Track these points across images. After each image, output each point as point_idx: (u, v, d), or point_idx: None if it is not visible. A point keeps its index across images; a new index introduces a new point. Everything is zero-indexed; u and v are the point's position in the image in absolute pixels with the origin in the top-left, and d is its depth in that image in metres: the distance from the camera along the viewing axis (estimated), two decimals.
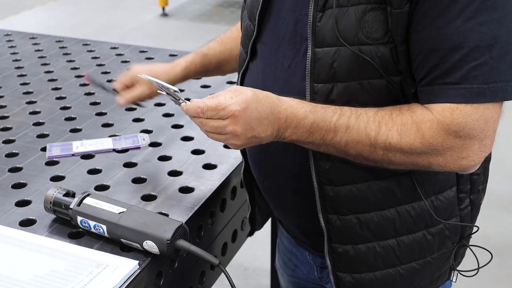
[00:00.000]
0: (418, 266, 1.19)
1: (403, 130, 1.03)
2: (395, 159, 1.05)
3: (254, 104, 1.03)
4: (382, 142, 1.03)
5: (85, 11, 6.66)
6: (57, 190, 1.24)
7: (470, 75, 0.98)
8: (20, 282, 1.07)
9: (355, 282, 1.19)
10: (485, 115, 1.00)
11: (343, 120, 1.04)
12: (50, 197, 1.23)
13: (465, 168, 1.04)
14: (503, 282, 2.76)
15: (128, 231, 1.13)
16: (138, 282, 1.11)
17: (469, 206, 1.19)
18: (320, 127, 1.05)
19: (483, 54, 0.97)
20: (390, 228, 1.15)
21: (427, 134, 1.01)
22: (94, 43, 2.35)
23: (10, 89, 1.92)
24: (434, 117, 1.01)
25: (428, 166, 1.05)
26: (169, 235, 1.10)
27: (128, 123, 1.69)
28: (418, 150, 1.03)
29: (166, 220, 1.15)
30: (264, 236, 2.23)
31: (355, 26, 1.03)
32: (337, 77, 1.06)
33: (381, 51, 1.03)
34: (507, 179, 3.49)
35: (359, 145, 1.05)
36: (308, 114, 1.05)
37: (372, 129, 1.03)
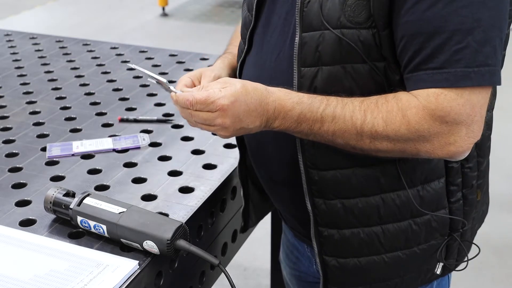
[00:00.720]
0: (404, 256, 1.19)
1: (389, 117, 1.03)
2: (382, 147, 1.05)
3: (242, 97, 1.05)
4: (368, 130, 1.04)
5: (85, 11, 6.66)
6: (57, 190, 1.24)
7: (453, 59, 0.98)
8: (20, 282, 1.07)
9: (339, 267, 1.20)
10: (471, 100, 0.99)
11: (329, 110, 1.05)
12: (50, 197, 1.23)
13: (453, 154, 1.03)
14: (503, 282, 2.76)
15: (128, 231, 1.13)
16: (138, 282, 1.11)
17: (461, 200, 1.18)
18: (307, 118, 1.06)
19: (465, 37, 0.97)
20: (375, 215, 1.16)
21: (413, 120, 1.01)
22: (94, 43, 2.35)
23: (10, 89, 1.92)
24: (419, 103, 1.01)
25: (416, 153, 1.05)
26: (169, 235, 1.10)
27: (128, 123, 1.69)
28: (404, 137, 1.03)
29: (166, 220, 1.15)
30: (264, 236, 2.23)
31: (338, 10, 1.04)
32: (321, 60, 1.08)
33: (364, 36, 1.04)
34: (507, 179, 3.49)
35: (346, 134, 1.05)
36: (295, 106, 1.06)
37: (358, 118, 1.04)
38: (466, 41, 0.97)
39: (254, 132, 1.09)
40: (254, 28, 1.22)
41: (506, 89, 5.06)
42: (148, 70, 1.18)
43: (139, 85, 1.95)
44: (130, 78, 2.01)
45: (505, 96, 4.50)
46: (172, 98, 1.10)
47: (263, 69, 1.18)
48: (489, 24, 0.97)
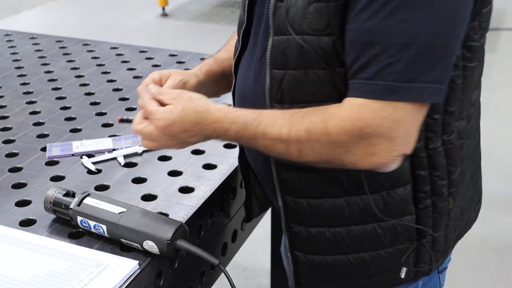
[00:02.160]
0: (369, 257, 1.20)
1: (311, 128, 1.05)
2: (308, 158, 1.08)
3: (178, 120, 1.13)
4: (294, 143, 1.07)
5: (85, 11, 6.66)
6: (57, 190, 1.24)
7: (383, 72, 0.98)
8: (20, 282, 1.07)
9: (307, 262, 1.23)
10: (394, 115, 0.99)
11: (261, 128, 1.10)
12: (50, 197, 1.23)
13: (377, 165, 1.03)
14: (503, 282, 2.76)
15: (128, 231, 1.13)
16: (138, 282, 1.11)
17: (430, 207, 1.18)
18: (243, 135, 1.11)
19: (400, 51, 0.97)
20: (339, 216, 1.18)
21: (333, 131, 1.03)
22: (94, 43, 2.35)
23: (10, 89, 1.92)
24: (342, 114, 1.03)
25: (341, 164, 1.07)
26: (169, 235, 1.10)
27: (128, 123, 1.69)
28: (325, 147, 1.05)
29: (166, 220, 1.15)
30: (264, 236, 2.23)
31: (300, 17, 1.07)
32: (287, 65, 1.11)
33: (324, 42, 1.05)
34: (506, 179, 3.49)
35: (276, 150, 1.10)
36: (231, 125, 1.12)
37: (285, 132, 1.07)
38: (399, 56, 0.97)
39: (196, 142, 1.18)
40: (247, 27, 1.24)
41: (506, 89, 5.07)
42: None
43: (139, 85, 1.94)
44: (130, 78, 2.01)
45: (505, 96, 4.51)
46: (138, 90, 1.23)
47: (250, 68, 1.21)
48: (429, 41, 0.97)
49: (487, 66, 1.24)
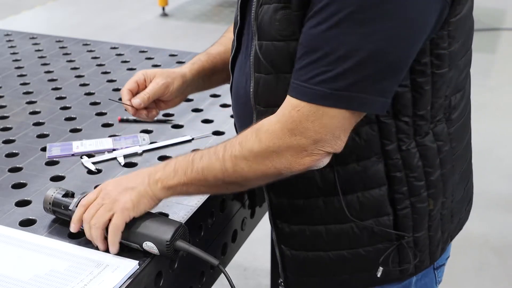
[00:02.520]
0: (349, 255, 1.22)
1: (243, 139, 1.09)
2: (243, 172, 1.09)
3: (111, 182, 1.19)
4: (228, 156, 1.10)
5: (85, 11, 6.66)
6: (56, 190, 1.24)
7: (318, 78, 1.01)
8: (20, 282, 1.07)
9: (292, 257, 1.26)
10: (322, 120, 1.03)
11: (198, 153, 1.15)
12: (49, 197, 1.23)
13: (310, 165, 1.07)
14: (503, 282, 2.76)
15: (127, 232, 1.13)
16: (138, 282, 1.11)
17: (408, 208, 1.19)
18: (182, 164, 1.14)
19: (336, 62, 1.00)
20: (317, 215, 1.20)
21: (264, 137, 1.06)
22: (94, 43, 2.35)
23: (10, 89, 1.92)
24: (273, 118, 1.07)
25: (278, 172, 1.09)
26: (169, 236, 1.11)
27: (128, 123, 1.69)
28: (259, 155, 1.07)
29: (165, 221, 1.15)
30: (264, 236, 2.23)
31: (269, 23, 1.10)
32: (261, 69, 1.14)
33: (293, 47, 1.08)
34: (506, 179, 3.49)
35: (212, 167, 1.11)
36: (172, 159, 1.17)
37: (219, 150, 1.12)
38: (334, 66, 1.00)
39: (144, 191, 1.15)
40: (240, 27, 1.25)
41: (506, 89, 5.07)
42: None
43: None
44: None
45: (505, 97, 4.51)
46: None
47: (244, 68, 1.22)
48: (367, 56, 0.99)
49: (487, 66, 1.24)
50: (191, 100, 1.83)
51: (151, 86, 1.39)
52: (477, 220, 3.04)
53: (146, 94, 1.40)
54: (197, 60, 1.45)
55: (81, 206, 1.17)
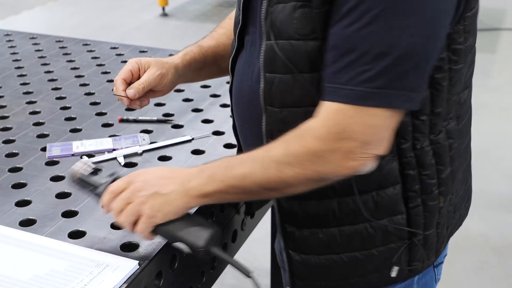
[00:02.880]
0: (362, 257, 1.21)
1: (287, 143, 1.06)
2: (287, 177, 1.06)
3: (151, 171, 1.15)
4: (270, 162, 1.07)
5: (85, 11, 6.66)
6: (83, 166, 1.19)
7: (358, 78, 1.00)
8: (20, 282, 1.07)
9: (302, 262, 1.24)
10: (367, 120, 1.01)
11: (237, 159, 1.12)
12: (76, 173, 1.19)
13: (355, 169, 1.05)
14: (503, 282, 2.76)
15: (160, 229, 1.11)
16: (138, 282, 1.11)
17: (420, 206, 1.19)
18: (219, 170, 1.10)
19: (374, 60, 0.99)
20: (331, 217, 1.18)
21: (309, 141, 1.04)
22: (94, 43, 2.35)
23: (10, 89, 1.92)
24: (316, 123, 1.04)
25: (323, 177, 1.07)
26: (202, 242, 1.08)
27: (128, 123, 1.69)
28: (305, 160, 1.04)
29: (201, 224, 1.12)
30: (264, 236, 2.23)
31: (286, 22, 1.08)
32: (276, 69, 1.12)
33: (311, 47, 1.07)
34: (506, 179, 3.49)
35: (253, 173, 1.08)
36: (207, 165, 1.13)
37: (261, 154, 1.08)
38: (374, 64, 0.99)
39: (174, 200, 1.10)
40: (243, 27, 1.24)
41: (506, 89, 5.06)
42: None
43: None
44: None
45: (505, 97, 4.51)
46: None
47: (249, 67, 1.21)
48: (405, 51, 0.99)
49: (487, 66, 1.24)
50: (191, 100, 1.83)
51: (146, 76, 1.36)
52: (477, 220, 3.05)
53: (141, 84, 1.36)
54: (189, 52, 1.44)
55: (109, 192, 1.13)
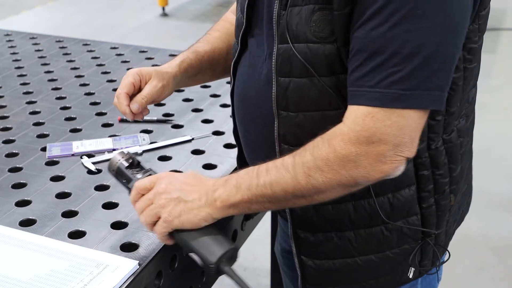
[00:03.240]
0: (377, 259, 1.21)
1: (315, 150, 1.05)
2: (318, 183, 1.05)
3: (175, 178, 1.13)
4: (299, 168, 1.05)
5: (85, 11, 6.66)
6: (122, 157, 1.19)
7: (387, 80, 0.99)
8: (20, 282, 1.07)
9: (315, 267, 1.23)
10: (398, 122, 1.00)
11: (263, 167, 1.09)
12: (115, 163, 1.19)
13: (387, 173, 1.03)
14: (503, 281, 2.76)
15: (177, 235, 1.11)
16: (138, 282, 1.11)
17: (433, 205, 1.19)
18: (245, 179, 1.09)
19: (404, 61, 0.98)
20: (346, 221, 1.18)
21: (338, 146, 1.02)
22: (94, 43, 2.35)
23: (10, 89, 1.92)
24: (344, 127, 1.03)
25: (354, 182, 1.05)
26: (214, 259, 1.07)
27: (128, 123, 1.69)
28: (335, 164, 1.03)
29: (217, 240, 1.11)
30: (264, 236, 2.23)
31: (304, 25, 1.07)
32: (292, 73, 1.10)
33: (328, 50, 1.06)
34: (507, 179, 3.49)
35: (282, 181, 1.06)
36: (231, 176, 1.12)
37: (289, 162, 1.07)
38: (403, 65, 0.98)
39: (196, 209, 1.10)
40: (246, 29, 1.23)
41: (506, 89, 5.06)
42: None
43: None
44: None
45: (505, 97, 4.51)
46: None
47: (254, 70, 1.20)
48: (433, 50, 0.98)
49: (487, 66, 1.25)
50: (191, 100, 1.83)
51: (148, 89, 1.33)
52: (477, 220, 3.04)
53: (144, 98, 1.33)
54: (186, 59, 1.41)
55: (134, 189, 1.14)
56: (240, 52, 1.26)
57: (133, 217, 1.27)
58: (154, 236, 1.20)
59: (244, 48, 1.25)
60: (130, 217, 1.27)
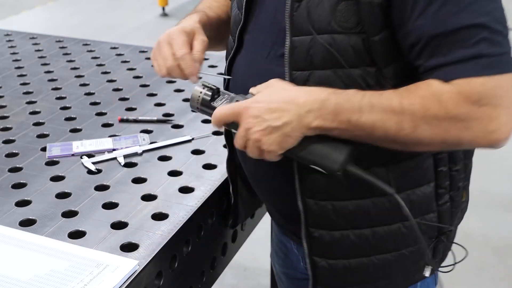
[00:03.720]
0: (393, 258, 1.20)
1: (426, 103, 1.01)
2: (422, 136, 1.03)
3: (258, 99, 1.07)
4: (409, 118, 1.02)
5: (85, 11, 6.66)
6: (203, 89, 1.15)
7: (474, 51, 0.98)
8: (20, 282, 1.07)
9: (329, 268, 1.21)
10: (501, 84, 0.99)
11: (366, 100, 1.03)
12: (197, 97, 1.16)
13: (495, 141, 1.01)
14: (503, 281, 2.76)
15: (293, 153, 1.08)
16: (138, 282, 1.11)
17: (448, 202, 1.19)
18: (345, 108, 1.03)
19: (481, 30, 0.98)
20: (365, 218, 1.16)
21: (450, 104, 1.00)
22: (94, 43, 2.35)
23: (10, 89, 1.92)
24: (453, 88, 1.00)
25: (458, 143, 1.03)
26: (337, 165, 1.05)
27: (128, 123, 1.69)
28: (445, 123, 1.00)
29: (333, 145, 1.07)
30: (264, 236, 2.23)
31: (328, 15, 1.05)
32: (313, 65, 1.08)
33: (354, 41, 1.05)
34: (507, 179, 3.49)
35: (387, 125, 1.03)
36: (330, 96, 1.04)
37: (396, 106, 1.02)
38: (482, 34, 0.98)
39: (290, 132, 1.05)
40: (243, 26, 1.22)
41: None
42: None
43: (139, 85, 1.95)
44: (130, 78, 2.01)
45: None
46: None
47: (254, 67, 1.19)
48: (498, 16, 1.00)
49: None
50: None
51: (201, 45, 1.23)
52: (477, 220, 3.04)
53: (201, 55, 1.24)
54: (201, 19, 1.31)
55: (215, 119, 1.10)
56: (236, 49, 1.24)
57: (133, 217, 1.27)
58: (154, 236, 1.20)
59: (240, 45, 1.23)
60: (130, 217, 1.27)
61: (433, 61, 1.02)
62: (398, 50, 1.06)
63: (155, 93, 1.88)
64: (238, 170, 1.38)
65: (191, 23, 1.27)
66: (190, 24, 1.27)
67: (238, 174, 1.39)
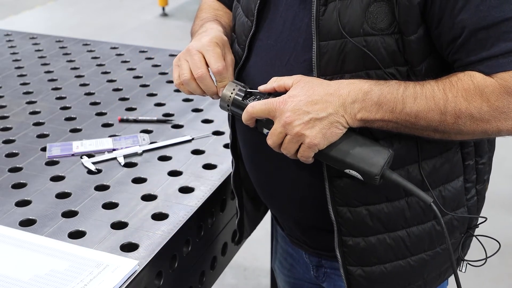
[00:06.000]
0: (428, 257, 1.19)
1: (468, 95, 1.02)
2: (465, 127, 1.04)
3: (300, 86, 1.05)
4: (452, 109, 1.03)
5: (85, 11, 6.66)
6: (234, 89, 1.13)
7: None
8: (20, 282, 1.07)
9: (365, 276, 1.19)
10: None
11: (409, 91, 1.04)
12: (228, 98, 1.13)
13: None
14: (503, 281, 2.76)
15: (327, 156, 1.06)
16: (138, 282, 1.11)
17: (475, 196, 1.20)
18: (388, 99, 1.03)
19: None
20: (400, 219, 1.15)
21: (492, 97, 1.01)
22: (94, 43, 2.35)
23: (10, 89, 1.92)
24: (495, 81, 1.01)
25: (497, 132, 1.04)
26: (377, 170, 1.03)
27: (128, 123, 1.69)
28: (487, 115, 1.02)
29: (371, 148, 1.05)
30: (264, 236, 2.23)
31: (360, 18, 1.04)
32: (344, 68, 1.07)
33: (387, 42, 1.05)
34: (507, 179, 3.49)
35: (430, 115, 1.03)
36: (373, 87, 1.04)
37: (440, 97, 1.03)
38: None
39: (336, 122, 1.03)
40: (254, 34, 1.19)
41: None
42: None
43: (139, 85, 1.95)
44: (130, 78, 2.01)
45: None
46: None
47: (270, 75, 1.13)
48: None
49: None
50: (191, 100, 1.83)
51: (231, 58, 1.21)
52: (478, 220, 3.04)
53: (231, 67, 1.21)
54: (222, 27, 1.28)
55: (247, 114, 1.08)
56: (245, 58, 1.21)
57: (133, 217, 1.27)
58: (154, 236, 1.20)
59: (249, 53, 1.20)
60: (130, 217, 1.27)
61: (475, 55, 1.02)
62: (431, 47, 1.06)
63: (155, 93, 1.88)
64: (243, 184, 1.37)
65: (219, 35, 1.23)
66: (218, 35, 1.22)
67: (243, 187, 1.38)
